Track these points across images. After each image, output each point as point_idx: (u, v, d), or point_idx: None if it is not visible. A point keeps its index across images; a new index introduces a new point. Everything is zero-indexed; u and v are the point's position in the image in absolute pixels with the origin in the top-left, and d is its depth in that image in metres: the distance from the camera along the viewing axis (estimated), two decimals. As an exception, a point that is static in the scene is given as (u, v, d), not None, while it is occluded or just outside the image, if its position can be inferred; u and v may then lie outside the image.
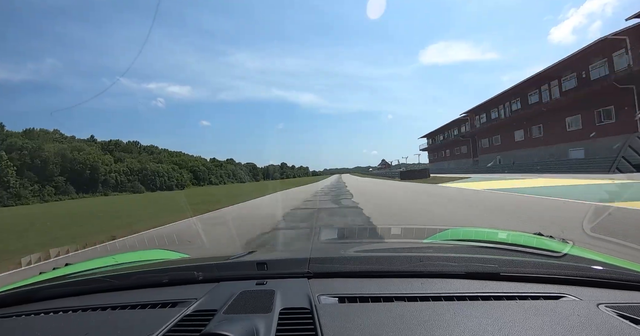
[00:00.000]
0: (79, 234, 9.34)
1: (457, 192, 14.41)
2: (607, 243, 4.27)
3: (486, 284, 0.93)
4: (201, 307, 0.88)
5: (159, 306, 0.93)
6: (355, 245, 1.80)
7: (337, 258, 1.21)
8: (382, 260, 1.15)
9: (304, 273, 1.04)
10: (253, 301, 0.86)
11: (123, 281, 1.13)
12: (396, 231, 2.46)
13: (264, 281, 1.01)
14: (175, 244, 5.47)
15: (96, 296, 1.08)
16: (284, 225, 7.78)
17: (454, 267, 1.01)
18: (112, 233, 8.37)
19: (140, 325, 0.82)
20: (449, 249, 1.48)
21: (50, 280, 1.26)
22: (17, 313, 1.01)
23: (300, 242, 5.88)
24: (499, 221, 6.52)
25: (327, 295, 0.89)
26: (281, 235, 6.72)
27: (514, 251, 1.24)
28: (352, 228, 3.06)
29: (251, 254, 1.34)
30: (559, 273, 0.94)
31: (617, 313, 0.74)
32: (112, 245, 6.89)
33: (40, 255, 6.21)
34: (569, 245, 1.34)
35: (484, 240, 1.58)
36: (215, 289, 1.00)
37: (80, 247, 6.61)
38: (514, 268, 0.97)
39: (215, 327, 0.67)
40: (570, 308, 0.77)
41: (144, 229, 8.97)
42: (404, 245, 1.83)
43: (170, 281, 1.12)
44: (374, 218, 7.83)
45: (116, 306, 0.96)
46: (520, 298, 0.83)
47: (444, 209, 9.13)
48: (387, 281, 0.98)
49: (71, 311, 0.97)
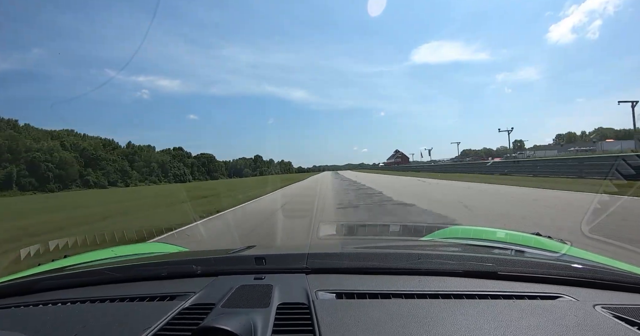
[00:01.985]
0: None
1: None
2: (605, 244, 4.28)
3: (484, 283, 0.93)
4: (199, 301, 0.88)
5: (157, 299, 0.93)
6: (354, 242, 1.80)
7: (336, 254, 1.22)
8: (380, 257, 1.15)
9: (302, 269, 1.04)
10: (251, 296, 0.86)
11: (122, 274, 1.14)
12: (395, 229, 2.46)
13: (262, 276, 1.01)
14: (174, 237, 5.47)
15: (95, 289, 1.08)
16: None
17: (452, 265, 1.02)
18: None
19: (138, 318, 0.82)
20: (447, 248, 1.49)
21: (49, 271, 1.27)
22: (15, 304, 1.01)
23: (299, 238, 5.90)
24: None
25: (324, 291, 0.89)
26: (280, 231, 6.71)
27: (512, 251, 1.25)
28: (351, 225, 3.06)
29: (250, 249, 1.35)
30: (556, 273, 0.94)
31: (613, 315, 0.74)
32: (112, 238, 6.85)
33: (39, 247, 6.22)
34: (567, 246, 1.35)
35: (482, 239, 1.58)
36: (214, 283, 1.01)
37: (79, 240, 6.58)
38: (511, 267, 0.97)
39: (212, 321, 0.67)
40: (566, 309, 0.77)
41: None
42: (403, 243, 1.84)
43: (169, 275, 1.12)
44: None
45: (114, 298, 0.97)
46: (517, 298, 0.84)
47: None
48: (385, 278, 0.98)
49: (70, 302, 0.98)
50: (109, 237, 4.24)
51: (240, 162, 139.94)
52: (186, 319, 0.79)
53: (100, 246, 3.14)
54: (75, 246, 3.53)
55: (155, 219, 11.13)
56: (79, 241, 3.55)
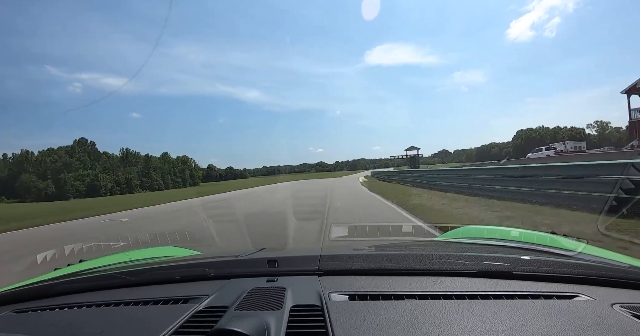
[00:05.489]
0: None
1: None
2: (621, 242, 4.18)
3: (498, 283, 0.91)
4: (212, 304, 0.89)
5: (171, 303, 0.94)
6: (366, 243, 1.79)
7: (348, 255, 1.21)
8: (393, 258, 1.15)
9: (315, 271, 1.04)
10: (264, 298, 0.86)
11: (136, 278, 1.15)
12: (407, 229, 2.44)
13: (275, 278, 1.01)
14: (187, 241, 5.53)
15: (110, 292, 1.10)
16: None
17: (466, 265, 1.00)
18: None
19: (153, 321, 0.83)
20: (461, 248, 1.47)
21: (65, 276, 1.29)
22: (32, 308, 1.03)
23: (311, 240, 5.90)
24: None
25: (337, 292, 0.89)
26: (291, 233, 6.70)
27: (526, 250, 1.23)
28: (363, 226, 3.05)
29: (262, 252, 1.35)
30: (572, 272, 0.92)
31: (631, 314, 0.72)
32: (125, 243, 6.93)
33: (55, 252, 6.34)
34: (583, 244, 1.32)
35: (496, 238, 1.56)
36: (227, 286, 1.01)
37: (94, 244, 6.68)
38: (526, 266, 0.96)
39: (226, 323, 0.68)
40: (583, 308, 0.75)
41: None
42: (416, 243, 1.83)
43: (182, 278, 1.13)
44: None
45: (129, 302, 0.98)
46: (533, 297, 0.82)
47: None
48: (398, 279, 0.98)
49: (85, 306, 1.00)
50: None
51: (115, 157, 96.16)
52: (200, 322, 0.79)
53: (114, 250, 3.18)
54: (90, 250, 3.58)
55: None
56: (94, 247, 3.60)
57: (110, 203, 33.00)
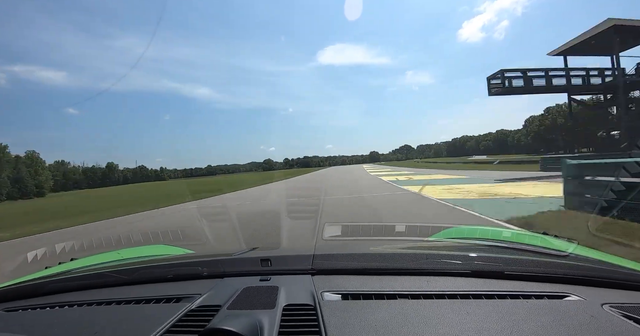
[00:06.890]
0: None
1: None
2: (612, 242, 4.23)
3: (490, 282, 0.92)
4: (205, 302, 0.88)
5: (164, 301, 0.94)
6: (360, 242, 1.80)
7: (341, 255, 1.21)
8: (386, 257, 1.15)
9: (308, 270, 1.04)
10: (257, 297, 0.86)
11: (128, 276, 1.14)
12: (400, 229, 2.45)
13: (268, 277, 1.01)
14: (180, 240, 5.49)
15: (101, 291, 1.09)
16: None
17: (459, 265, 1.01)
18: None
19: (145, 320, 0.83)
20: (454, 248, 1.48)
21: (56, 274, 1.28)
22: (23, 307, 1.02)
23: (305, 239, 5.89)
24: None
25: (330, 292, 0.89)
26: (285, 232, 6.69)
27: (518, 250, 1.24)
28: (357, 225, 3.06)
29: (255, 251, 1.35)
30: (563, 272, 0.93)
31: (621, 314, 0.73)
32: (117, 241, 6.86)
33: (46, 250, 6.26)
34: (574, 245, 1.34)
35: (488, 239, 1.57)
36: (219, 285, 1.01)
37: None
38: (518, 266, 0.97)
39: (219, 323, 0.67)
40: (574, 308, 0.76)
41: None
42: (409, 243, 1.83)
43: (175, 277, 1.12)
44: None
45: (121, 301, 0.97)
46: (524, 297, 0.83)
47: None
48: (391, 278, 0.98)
49: (77, 305, 0.99)
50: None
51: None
52: (193, 321, 0.79)
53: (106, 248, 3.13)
54: (82, 249, 3.53)
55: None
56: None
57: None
